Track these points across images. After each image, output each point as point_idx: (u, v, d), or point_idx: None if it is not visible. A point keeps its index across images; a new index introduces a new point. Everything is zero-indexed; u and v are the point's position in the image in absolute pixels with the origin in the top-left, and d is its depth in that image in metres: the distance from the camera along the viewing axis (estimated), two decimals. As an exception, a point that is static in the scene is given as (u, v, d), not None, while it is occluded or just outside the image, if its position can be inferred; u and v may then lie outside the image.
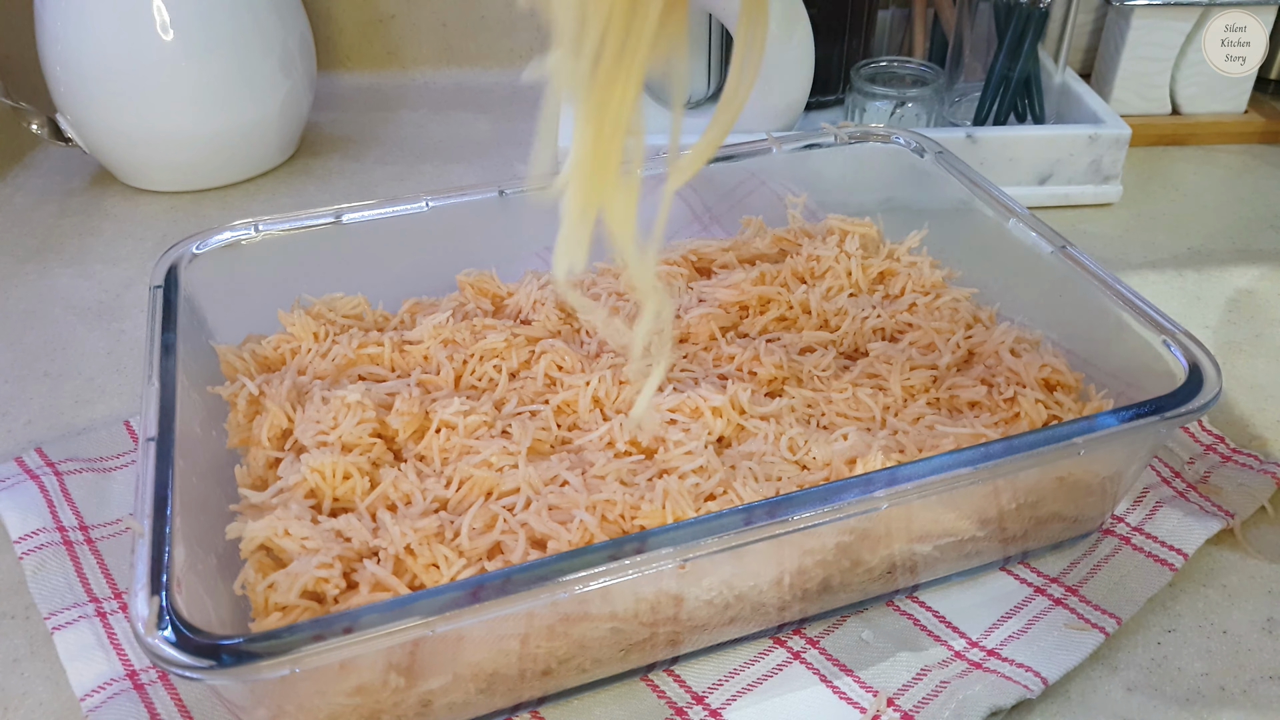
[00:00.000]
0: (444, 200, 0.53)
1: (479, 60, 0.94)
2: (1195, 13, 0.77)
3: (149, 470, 0.37)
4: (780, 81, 0.70)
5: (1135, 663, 0.41)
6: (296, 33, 0.77)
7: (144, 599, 0.32)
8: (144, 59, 0.70)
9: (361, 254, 0.52)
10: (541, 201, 0.31)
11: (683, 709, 0.39)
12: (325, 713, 0.34)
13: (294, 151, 0.82)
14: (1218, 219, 0.72)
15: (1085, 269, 0.47)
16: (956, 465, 0.37)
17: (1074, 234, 0.69)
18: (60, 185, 0.78)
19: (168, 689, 0.40)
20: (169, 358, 0.42)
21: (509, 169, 0.80)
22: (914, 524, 0.39)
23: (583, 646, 0.37)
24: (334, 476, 0.40)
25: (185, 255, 0.48)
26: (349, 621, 0.31)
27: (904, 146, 0.58)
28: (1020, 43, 0.72)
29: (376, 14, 0.91)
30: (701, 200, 0.58)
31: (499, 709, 0.38)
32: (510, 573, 0.32)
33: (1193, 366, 0.41)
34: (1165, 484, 0.48)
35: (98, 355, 0.60)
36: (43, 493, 0.48)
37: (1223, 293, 0.63)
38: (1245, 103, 0.82)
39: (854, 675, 0.40)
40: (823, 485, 0.36)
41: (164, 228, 0.72)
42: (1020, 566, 0.45)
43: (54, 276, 0.67)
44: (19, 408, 0.55)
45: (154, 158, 0.74)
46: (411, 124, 0.87)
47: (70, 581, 0.44)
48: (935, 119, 0.76)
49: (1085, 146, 0.70)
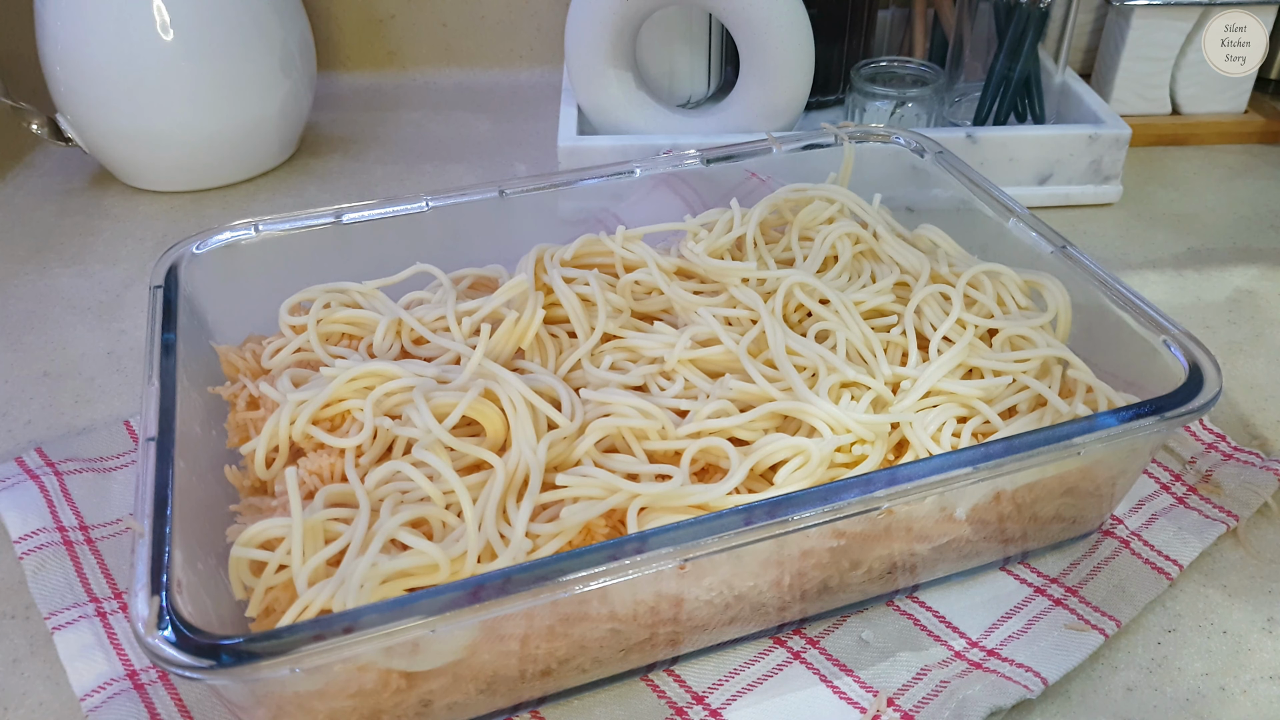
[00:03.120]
0: (444, 200, 0.53)
1: (479, 60, 0.94)
2: (1195, 13, 0.77)
3: (149, 470, 0.37)
4: (780, 81, 0.70)
5: (1135, 663, 0.41)
6: (296, 33, 0.77)
7: (144, 599, 0.32)
8: (144, 59, 0.70)
9: (361, 254, 0.52)
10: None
11: (683, 709, 0.39)
12: (325, 713, 0.34)
13: (294, 151, 0.82)
14: (1218, 219, 0.72)
15: (1085, 269, 0.47)
16: (957, 465, 0.37)
17: (1074, 234, 0.69)
18: (60, 185, 0.78)
19: (168, 689, 0.40)
20: (169, 358, 0.42)
21: (509, 169, 0.80)
22: (915, 523, 0.39)
23: (583, 647, 0.37)
24: (333, 477, 0.40)
25: (185, 255, 0.48)
26: (349, 621, 0.31)
27: (904, 146, 0.58)
28: (1020, 43, 0.72)
29: (376, 14, 0.91)
30: (702, 200, 0.58)
31: (499, 709, 0.38)
32: (510, 572, 0.32)
33: (1193, 366, 0.41)
34: (1165, 489, 0.48)
35: (98, 355, 0.60)
36: (43, 493, 0.48)
37: (1223, 293, 0.63)
38: (1245, 103, 0.82)
39: (854, 675, 0.40)
40: (823, 485, 0.36)
41: (164, 228, 0.72)
42: (1020, 567, 0.45)
43: (54, 276, 0.67)
44: (19, 408, 0.55)
45: (154, 158, 0.74)
46: (411, 124, 0.87)
47: (70, 581, 0.44)
48: (935, 119, 0.76)
49: (1085, 146, 0.70)
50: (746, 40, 0.69)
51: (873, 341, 0.46)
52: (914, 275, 0.50)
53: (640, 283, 0.50)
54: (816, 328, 0.46)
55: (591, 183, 0.55)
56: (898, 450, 0.42)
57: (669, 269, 0.50)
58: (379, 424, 0.41)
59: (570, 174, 0.55)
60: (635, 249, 0.50)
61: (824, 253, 0.51)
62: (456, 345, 0.45)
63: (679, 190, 0.58)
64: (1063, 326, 0.47)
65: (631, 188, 0.57)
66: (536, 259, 0.50)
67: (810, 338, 0.46)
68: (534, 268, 0.50)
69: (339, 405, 0.43)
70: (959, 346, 0.44)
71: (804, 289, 0.47)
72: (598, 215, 0.57)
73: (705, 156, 0.57)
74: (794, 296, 0.48)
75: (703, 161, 0.57)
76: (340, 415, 0.43)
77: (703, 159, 0.57)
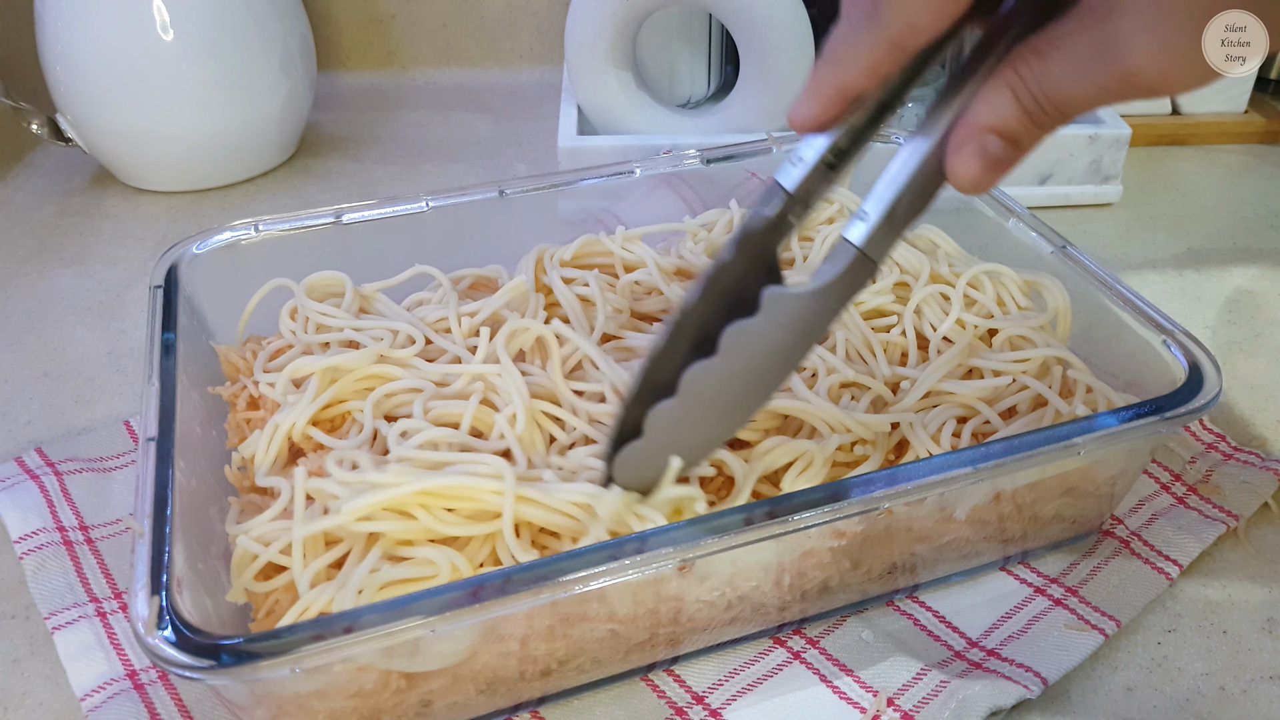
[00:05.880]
0: (444, 200, 0.53)
1: (479, 60, 0.94)
2: (1195, 13, 0.77)
3: (149, 470, 0.37)
4: (780, 81, 0.70)
5: (1135, 663, 0.41)
6: (296, 33, 0.77)
7: (144, 599, 0.32)
8: (144, 59, 0.70)
9: (361, 254, 0.52)
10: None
11: (683, 709, 0.39)
12: (325, 713, 0.34)
13: (294, 151, 0.82)
14: (1218, 219, 0.72)
15: (1085, 269, 0.47)
16: (956, 465, 0.37)
17: (1074, 234, 0.69)
18: (60, 185, 0.78)
19: (168, 689, 0.40)
20: (169, 358, 0.42)
21: (509, 169, 0.80)
22: (915, 523, 0.39)
23: (583, 647, 0.37)
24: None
25: (185, 255, 0.48)
26: (349, 621, 0.31)
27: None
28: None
29: (376, 14, 0.91)
30: (702, 200, 0.58)
31: (499, 709, 0.38)
32: (510, 572, 0.32)
33: (1193, 366, 0.41)
34: (1165, 489, 0.48)
35: (98, 355, 0.60)
36: (43, 493, 0.48)
37: (1223, 293, 0.63)
38: (1245, 103, 0.82)
39: (854, 675, 0.40)
40: (822, 485, 0.36)
41: (164, 228, 0.72)
42: (1020, 567, 0.45)
43: (54, 276, 0.67)
44: (19, 408, 0.55)
45: (154, 158, 0.74)
46: (411, 124, 0.87)
47: (70, 581, 0.44)
48: (935, 119, 0.76)
49: (1085, 146, 0.70)
50: (746, 40, 0.69)
51: (872, 341, 0.46)
52: (914, 275, 0.50)
53: (640, 283, 0.50)
54: None
55: (591, 183, 0.55)
56: (898, 451, 0.42)
57: (669, 269, 0.50)
58: (378, 426, 0.41)
59: (570, 174, 0.55)
60: (635, 249, 0.50)
61: (823, 252, 0.51)
62: (458, 348, 0.45)
63: (679, 190, 0.58)
64: (1063, 326, 0.47)
65: (631, 188, 0.57)
66: (536, 260, 0.50)
67: None
68: (534, 269, 0.50)
69: (339, 407, 0.43)
70: (959, 347, 0.44)
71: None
72: (598, 215, 0.57)
73: (705, 156, 0.57)
74: None
75: (703, 161, 0.57)
76: (340, 416, 0.43)
77: (703, 159, 0.57)
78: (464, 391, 0.43)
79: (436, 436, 0.40)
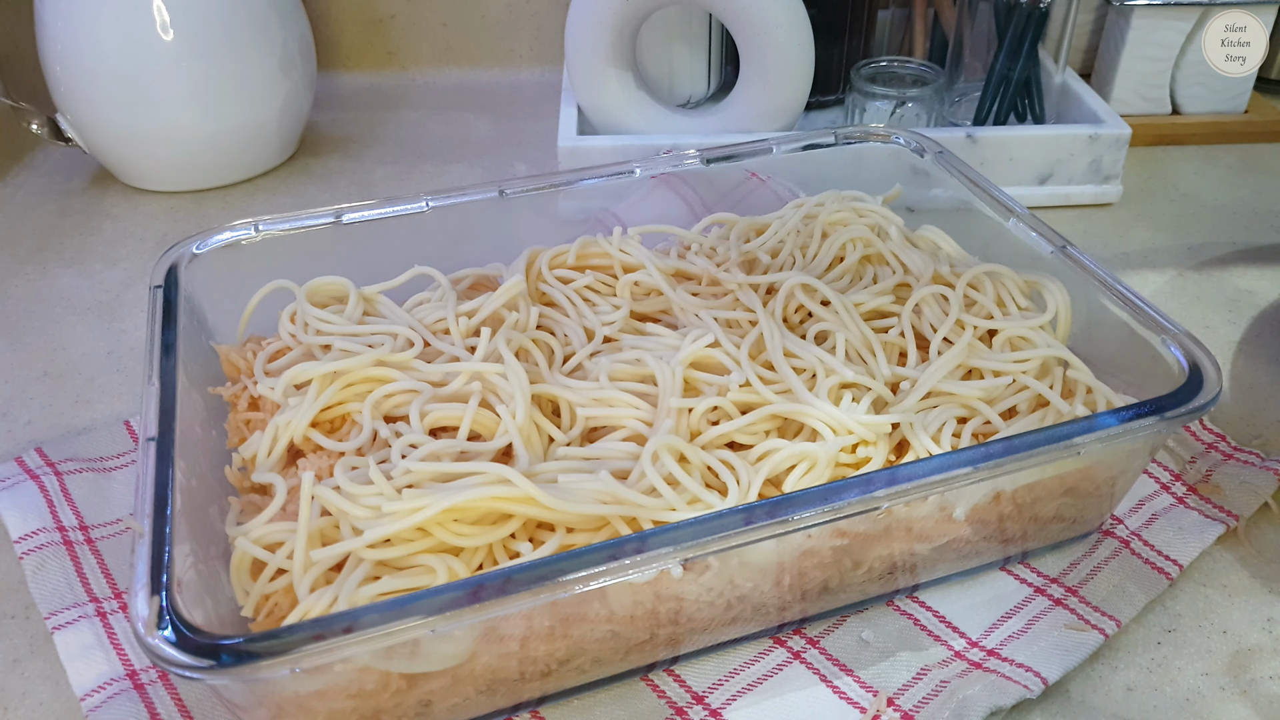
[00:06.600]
0: (444, 200, 0.53)
1: (479, 60, 0.94)
2: (1195, 13, 0.77)
3: (149, 470, 0.37)
4: (780, 81, 0.70)
5: (1135, 663, 0.41)
6: (296, 33, 0.77)
7: (144, 599, 0.32)
8: (144, 59, 0.70)
9: (361, 254, 0.52)
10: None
11: (683, 709, 0.39)
12: (325, 713, 0.34)
13: (294, 151, 0.82)
14: (1218, 219, 0.72)
15: (1085, 269, 0.47)
16: (956, 465, 0.37)
17: (1074, 234, 0.69)
18: (60, 185, 0.78)
19: (168, 689, 0.40)
20: (169, 358, 0.42)
21: (509, 169, 0.80)
22: (915, 523, 0.39)
23: (583, 647, 0.37)
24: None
25: (185, 255, 0.48)
26: (349, 621, 0.31)
27: (904, 146, 0.58)
28: (1020, 43, 0.72)
29: (376, 14, 0.91)
30: (702, 200, 0.58)
31: (499, 709, 0.38)
32: (510, 572, 0.32)
33: (1193, 366, 0.41)
34: (1165, 489, 0.48)
35: (98, 355, 0.60)
36: (43, 493, 0.48)
37: (1223, 293, 0.63)
38: (1245, 103, 0.82)
39: (854, 675, 0.40)
40: (823, 485, 0.36)
41: (164, 228, 0.72)
42: (1020, 567, 0.45)
43: (54, 276, 0.67)
44: (19, 408, 0.55)
45: (154, 158, 0.74)
46: (411, 124, 0.87)
47: (70, 581, 0.44)
48: (935, 119, 0.76)
49: (1085, 146, 0.70)
50: (746, 40, 0.69)
51: (872, 342, 0.46)
52: (917, 278, 0.50)
53: (639, 284, 0.50)
54: (816, 329, 0.46)
55: (591, 183, 0.55)
56: (898, 451, 0.42)
57: (667, 270, 0.50)
58: (377, 427, 0.41)
59: (570, 174, 0.55)
60: (633, 251, 0.50)
61: (832, 253, 0.51)
62: (456, 349, 0.45)
63: (679, 190, 0.58)
64: (1063, 327, 0.47)
65: (631, 188, 0.57)
66: (528, 264, 0.50)
67: (810, 339, 0.46)
68: (525, 272, 0.50)
69: (339, 408, 0.43)
70: (958, 347, 0.44)
71: (805, 290, 0.47)
72: (598, 215, 0.57)
73: (705, 156, 0.57)
74: (795, 297, 0.48)
75: (703, 161, 0.57)
76: (340, 418, 0.43)
77: (703, 159, 0.57)
78: (462, 392, 0.43)
79: (439, 449, 0.40)
